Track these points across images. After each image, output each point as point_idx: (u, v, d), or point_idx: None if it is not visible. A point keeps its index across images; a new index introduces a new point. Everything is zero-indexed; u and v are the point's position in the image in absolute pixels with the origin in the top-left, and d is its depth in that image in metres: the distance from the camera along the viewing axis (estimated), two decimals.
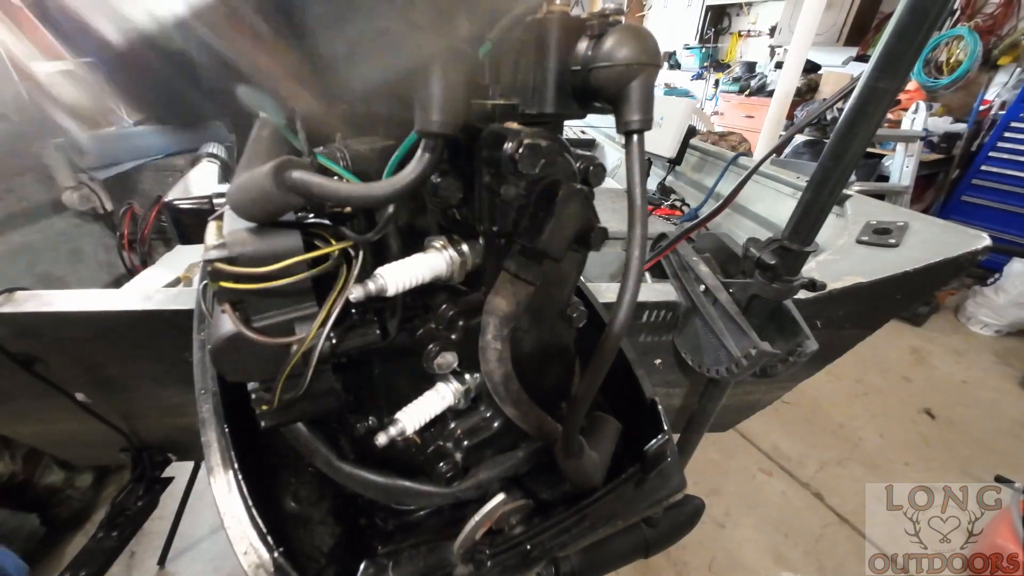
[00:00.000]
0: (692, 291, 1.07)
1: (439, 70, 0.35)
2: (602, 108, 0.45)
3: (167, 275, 1.53)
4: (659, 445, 0.65)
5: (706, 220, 1.35)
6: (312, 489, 0.66)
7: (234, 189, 0.43)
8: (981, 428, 2.70)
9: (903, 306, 1.18)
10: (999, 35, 4.01)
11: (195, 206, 1.56)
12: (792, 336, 0.98)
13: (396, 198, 0.38)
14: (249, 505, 0.50)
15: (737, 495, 2.27)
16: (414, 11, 0.34)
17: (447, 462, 0.57)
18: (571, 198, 0.42)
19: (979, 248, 1.04)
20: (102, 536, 1.42)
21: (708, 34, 6.51)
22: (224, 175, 1.92)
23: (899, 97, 2.06)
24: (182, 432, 1.34)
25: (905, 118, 3.48)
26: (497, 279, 0.46)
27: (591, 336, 0.56)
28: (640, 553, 0.71)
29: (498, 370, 0.48)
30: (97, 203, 1.95)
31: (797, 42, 1.87)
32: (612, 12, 0.42)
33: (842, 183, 0.78)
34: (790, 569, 1.96)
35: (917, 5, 0.59)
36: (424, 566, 0.59)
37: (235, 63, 0.37)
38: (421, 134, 0.37)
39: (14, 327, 0.91)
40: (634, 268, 0.41)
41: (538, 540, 0.59)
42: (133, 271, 1.88)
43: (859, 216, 1.31)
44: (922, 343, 3.48)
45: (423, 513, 0.68)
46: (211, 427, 0.55)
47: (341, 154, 0.48)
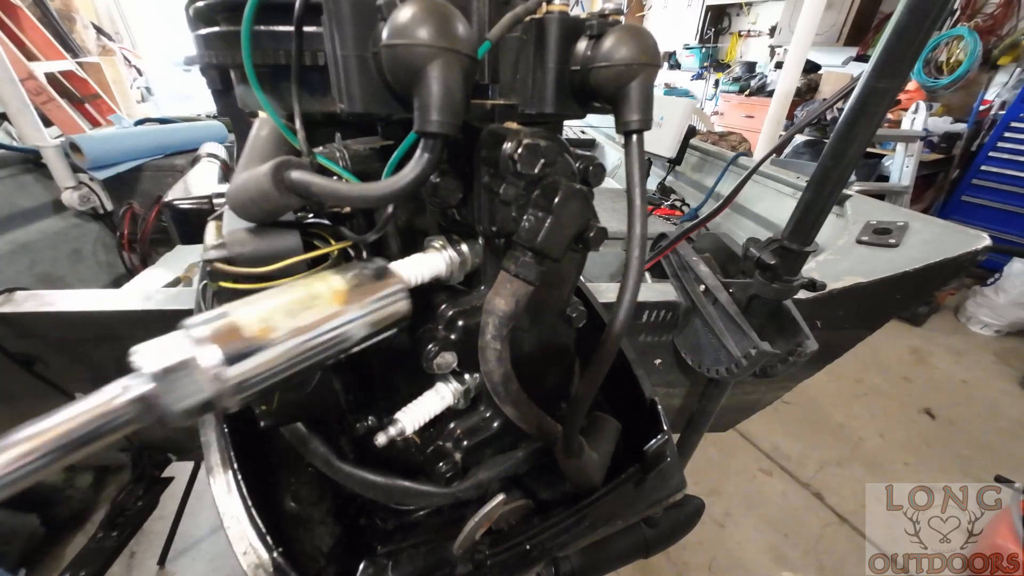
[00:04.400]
0: (692, 291, 1.07)
1: (438, 70, 0.35)
2: (602, 108, 0.45)
3: (167, 275, 1.53)
4: (659, 445, 0.65)
5: (706, 220, 1.35)
6: (311, 489, 0.66)
7: (233, 189, 0.43)
8: (981, 428, 2.70)
9: (903, 306, 1.18)
10: (999, 35, 4.01)
11: (195, 206, 1.56)
12: (792, 336, 0.98)
13: (395, 198, 0.38)
14: (248, 505, 0.50)
15: (737, 495, 2.27)
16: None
17: (447, 462, 0.57)
18: (570, 198, 0.42)
19: (979, 248, 1.04)
20: (102, 536, 1.42)
21: (708, 34, 6.51)
22: (224, 175, 1.92)
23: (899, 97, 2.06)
24: (182, 432, 1.34)
25: (905, 118, 3.48)
26: (496, 279, 0.46)
27: (591, 336, 0.56)
28: (640, 553, 0.71)
29: (497, 370, 0.47)
30: (97, 203, 1.95)
31: (797, 42, 1.87)
32: (611, 12, 0.42)
33: (842, 183, 0.78)
34: (790, 569, 1.96)
35: (917, 5, 0.58)
36: (424, 566, 0.59)
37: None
38: (420, 134, 0.37)
39: (14, 327, 0.91)
40: (634, 268, 0.41)
41: (538, 540, 0.59)
42: (133, 271, 1.88)
43: (859, 216, 1.31)
44: (922, 343, 3.48)
45: (423, 513, 0.67)
46: (211, 427, 0.55)
47: (340, 154, 0.48)
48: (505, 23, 0.41)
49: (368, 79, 0.40)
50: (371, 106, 0.41)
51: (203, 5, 0.48)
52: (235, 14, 0.42)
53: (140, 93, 3.96)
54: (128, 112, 3.27)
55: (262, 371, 0.33)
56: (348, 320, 0.38)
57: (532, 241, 0.42)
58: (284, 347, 0.34)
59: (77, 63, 3.00)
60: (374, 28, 0.38)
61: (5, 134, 2.13)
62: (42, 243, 1.78)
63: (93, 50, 3.42)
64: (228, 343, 0.31)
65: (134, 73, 3.96)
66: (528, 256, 0.44)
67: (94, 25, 3.57)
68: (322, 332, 0.36)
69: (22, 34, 2.74)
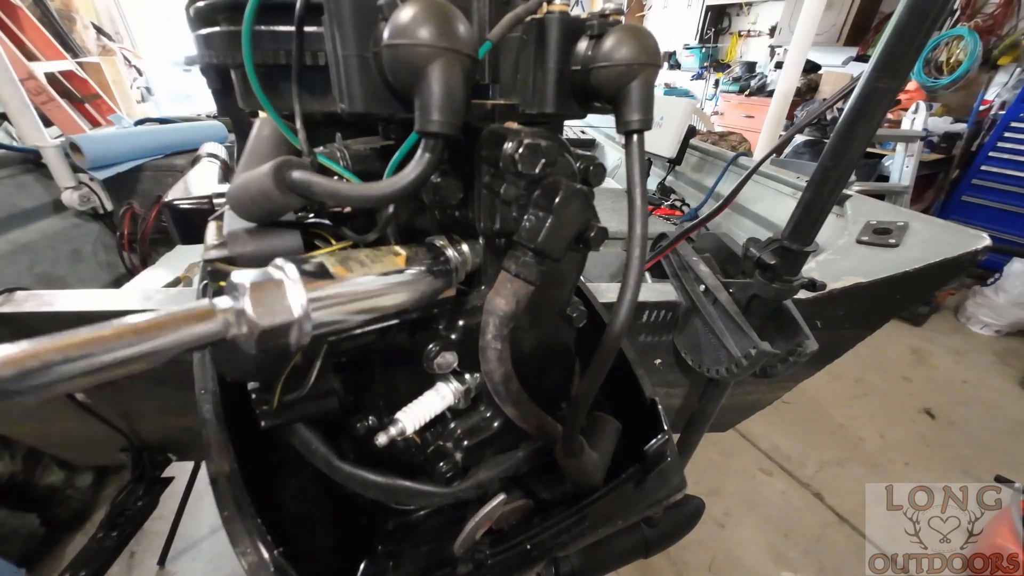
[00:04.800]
0: (692, 291, 1.07)
1: (439, 70, 0.35)
2: (602, 108, 0.45)
3: (167, 275, 1.53)
4: (659, 445, 0.65)
5: (706, 220, 1.35)
6: (312, 489, 0.66)
7: (234, 189, 0.43)
8: (981, 428, 2.70)
9: (903, 306, 1.18)
10: (999, 35, 4.01)
11: (195, 206, 1.56)
12: (792, 336, 0.98)
13: (396, 198, 0.38)
14: (250, 505, 0.50)
15: (737, 495, 2.27)
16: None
17: (447, 462, 0.57)
18: (571, 198, 0.42)
19: (979, 248, 1.04)
20: (102, 536, 1.42)
21: (708, 34, 6.51)
22: (224, 175, 1.92)
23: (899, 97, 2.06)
24: (182, 432, 1.34)
25: (905, 118, 3.48)
26: (497, 279, 0.46)
27: (591, 336, 0.56)
28: (640, 553, 0.71)
29: (498, 370, 0.47)
30: (97, 203, 1.95)
31: (797, 42, 1.87)
32: (612, 12, 0.42)
33: (842, 183, 0.78)
34: (790, 569, 1.96)
35: (917, 5, 0.58)
36: (424, 566, 0.59)
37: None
38: (421, 134, 0.37)
39: (14, 327, 0.91)
40: (634, 268, 0.41)
41: (538, 540, 0.59)
42: (133, 271, 1.88)
43: (859, 216, 1.31)
44: (922, 343, 3.48)
45: (423, 513, 0.68)
46: (212, 427, 0.55)
47: (341, 154, 0.48)
48: (506, 23, 0.41)
49: (369, 79, 0.40)
50: (372, 106, 0.41)
51: (204, 5, 0.48)
52: (236, 14, 0.42)
53: (140, 93, 3.96)
54: (128, 112, 3.27)
55: (338, 305, 0.37)
56: (406, 281, 0.44)
57: (533, 241, 0.42)
58: (357, 287, 0.39)
59: (77, 63, 3.00)
60: (375, 28, 0.38)
61: (5, 134, 2.13)
62: (42, 243, 1.78)
63: (93, 50, 3.42)
64: (313, 279, 0.36)
65: (134, 73, 3.96)
66: (529, 256, 0.44)
67: (94, 25, 3.56)
68: (386, 285, 0.42)
69: (22, 34, 2.74)
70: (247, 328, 0.30)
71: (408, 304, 0.44)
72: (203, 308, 0.29)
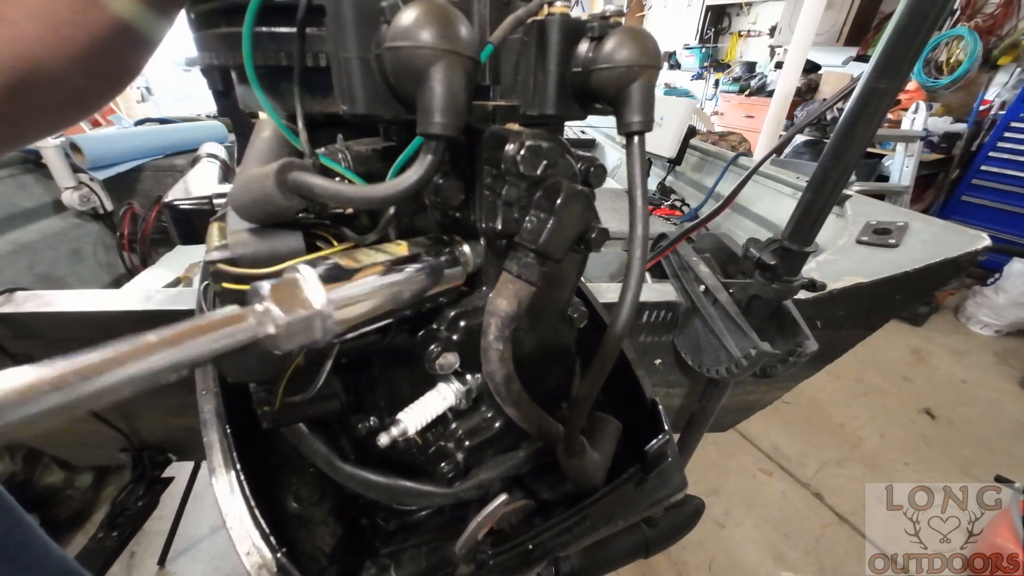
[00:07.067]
0: (692, 291, 1.07)
1: (441, 72, 0.35)
2: (603, 109, 0.45)
3: (167, 275, 1.53)
4: (659, 445, 0.65)
5: (706, 220, 1.35)
6: (313, 489, 0.66)
7: (236, 190, 0.43)
8: (981, 428, 2.70)
9: (903, 306, 1.18)
10: (999, 35, 4.01)
11: (195, 206, 1.56)
12: (792, 336, 0.98)
13: (399, 199, 0.38)
14: (251, 506, 0.50)
15: (737, 495, 2.27)
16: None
17: (448, 462, 0.57)
18: (572, 199, 0.42)
19: (979, 248, 1.04)
20: (102, 536, 1.42)
21: (708, 34, 6.51)
22: (224, 175, 1.92)
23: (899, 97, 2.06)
24: (182, 432, 1.34)
25: (905, 118, 3.48)
26: (499, 280, 0.46)
27: (592, 336, 0.56)
28: (640, 553, 0.71)
29: (500, 371, 0.47)
30: (97, 203, 1.95)
31: (797, 42, 1.88)
32: (612, 14, 0.42)
33: (842, 183, 0.78)
34: (790, 569, 1.96)
35: (917, 5, 0.58)
36: (426, 566, 0.59)
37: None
38: (423, 136, 0.37)
39: (14, 327, 0.91)
40: (636, 269, 0.41)
41: (539, 540, 0.60)
42: (133, 271, 1.88)
43: (859, 216, 1.31)
44: (922, 343, 3.48)
45: (425, 513, 0.68)
46: (213, 428, 0.55)
47: (343, 155, 0.48)
48: (507, 25, 0.41)
49: (371, 81, 0.40)
50: (374, 108, 0.41)
51: (204, 6, 0.48)
52: (236, 15, 0.42)
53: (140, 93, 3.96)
54: (128, 112, 3.27)
55: (357, 299, 0.38)
56: (420, 268, 0.45)
57: (534, 242, 0.43)
58: (372, 280, 0.41)
59: None
60: (377, 30, 0.38)
61: None
62: (42, 243, 1.78)
63: None
64: (329, 275, 0.38)
65: None
66: (530, 257, 0.44)
67: None
68: (400, 277, 0.43)
69: None
70: (273, 328, 0.31)
71: (424, 292, 0.46)
72: (234, 313, 0.30)
